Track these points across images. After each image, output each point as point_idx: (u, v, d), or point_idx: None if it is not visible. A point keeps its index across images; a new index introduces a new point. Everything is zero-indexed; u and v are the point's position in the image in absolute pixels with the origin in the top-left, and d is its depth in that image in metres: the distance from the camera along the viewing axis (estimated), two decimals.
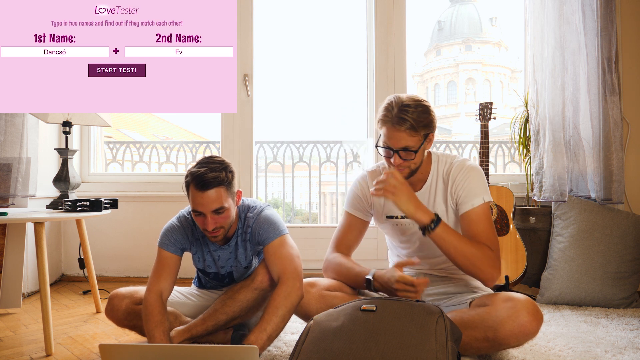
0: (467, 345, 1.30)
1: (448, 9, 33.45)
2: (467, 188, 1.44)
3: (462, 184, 1.45)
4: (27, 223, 2.13)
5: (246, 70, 2.73)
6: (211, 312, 1.51)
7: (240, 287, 1.53)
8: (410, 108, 1.37)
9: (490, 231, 1.42)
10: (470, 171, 1.46)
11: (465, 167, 1.47)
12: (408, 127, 1.36)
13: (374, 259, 2.71)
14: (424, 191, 1.52)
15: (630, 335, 1.70)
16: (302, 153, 3.25)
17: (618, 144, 2.30)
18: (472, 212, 1.43)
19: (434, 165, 1.52)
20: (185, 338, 1.49)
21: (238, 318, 1.53)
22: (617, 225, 2.20)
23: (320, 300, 1.46)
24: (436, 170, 1.51)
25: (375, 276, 1.42)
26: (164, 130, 15.89)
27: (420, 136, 1.39)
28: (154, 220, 2.76)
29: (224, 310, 1.50)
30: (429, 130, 1.41)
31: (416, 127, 1.36)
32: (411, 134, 1.37)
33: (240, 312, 1.51)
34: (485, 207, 1.44)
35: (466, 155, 3.24)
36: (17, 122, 2.24)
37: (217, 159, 1.48)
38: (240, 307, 1.50)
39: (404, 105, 1.37)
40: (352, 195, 1.64)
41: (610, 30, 2.31)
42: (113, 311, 1.56)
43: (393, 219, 1.56)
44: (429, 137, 1.42)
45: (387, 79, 2.75)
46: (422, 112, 1.38)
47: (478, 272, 1.37)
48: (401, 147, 1.38)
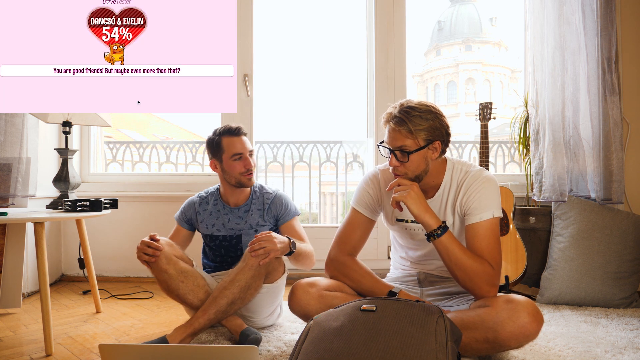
0: (467, 346, 1.29)
1: (448, 9, 33.44)
2: (478, 200, 1.39)
3: (474, 195, 1.40)
4: (27, 223, 2.13)
5: (246, 70, 2.73)
6: (210, 300, 1.54)
7: (236, 269, 1.57)
8: (415, 111, 1.35)
9: (495, 248, 1.37)
10: (484, 183, 1.41)
11: (480, 177, 1.42)
12: (406, 127, 1.35)
13: (373, 259, 2.71)
14: (436, 199, 1.48)
15: (630, 335, 1.70)
16: (302, 153, 3.25)
17: (618, 144, 2.29)
18: (478, 225, 1.39)
19: (447, 173, 1.47)
20: (188, 333, 1.50)
21: (238, 301, 1.55)
22: (617, 225, 2.20)
23: (320, 300, 1.45)
24: (450, 179, 1.47)
25: (402, 293, 1.42)
26: (164, 130, 15.90)
27: (420, 140, 1.36)
28: (154, 220, 2.76)
29: (224, 294, 1.53)
30: (433, 137, 1.37)
31: (413, 129, 1.34)
32: (408, 135, 1.35)
33: (239, 292, 1.54)
34: (494, 222, 1.39)
35: (466, 155, 3.24)
36: (17, 122, 2.24)
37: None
38: (240, 287, 1.54)
39: (408, 107, 1.36)
40: (361, 192, 1.58)
41: (610, 30, 2.31)
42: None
43: (403, 222, 1.54)
44: (433, 145, 1.38)
45: (387, 79, 2.75)
46: (426, 116, 1.35)
47: (474, 288, 1.35)
48: (397, 146, 1.37)
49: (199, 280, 1.62)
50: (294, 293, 1.48)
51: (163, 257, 1.55)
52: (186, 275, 1.60)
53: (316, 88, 10.39)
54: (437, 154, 1.41)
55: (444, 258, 1.37)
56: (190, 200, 1.91)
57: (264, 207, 1.83)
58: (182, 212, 1.90)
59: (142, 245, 1.54)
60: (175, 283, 1.58)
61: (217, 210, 1.84)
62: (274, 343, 1.60)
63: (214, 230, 1.83)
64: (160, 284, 1.60)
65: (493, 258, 1.36)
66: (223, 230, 1.82)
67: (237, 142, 1.75)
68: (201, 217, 1.85)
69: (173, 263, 1.59)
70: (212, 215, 1.84)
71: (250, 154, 1.78)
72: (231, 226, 1.82)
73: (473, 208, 1.40)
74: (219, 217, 1.83)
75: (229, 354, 1.09)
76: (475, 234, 1.39)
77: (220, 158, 1.76)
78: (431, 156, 1.40)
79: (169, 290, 1.60)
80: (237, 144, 1.75)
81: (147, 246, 1.54)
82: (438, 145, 1.39)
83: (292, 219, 1.85)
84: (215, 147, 1.77)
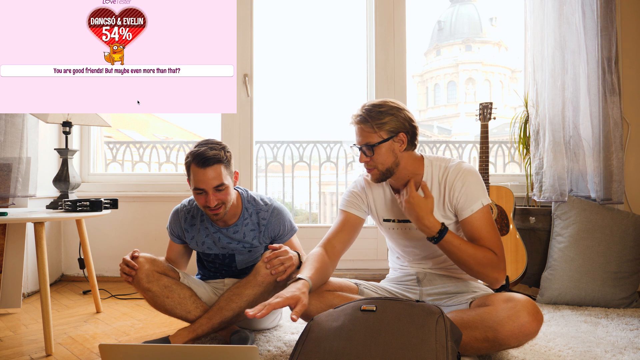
0: (467, 346, 1.30)
1: (448, 9, 33.45)
2: (465, 194, 1.43)
3: (460, 190, 1.43)
4: (27, 223, 2.13)
5: (246, 70, 2.73)
6: (216, 310, 1.52)
7: (246, 282, 1.52)
8: (376, 108, 1.43)
9: (493, 234, 1.42)
10: (466, 175, 1.44)
11: (461, 171, 1.45)
12: (368, 124, 1.42)
13: (374, 259, 2.71)
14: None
15: (630, 335, 1.70)
16: (302, 153, 3.25)
17: (618, 144, 2.29)
18: (472, 218, 1.42)
19: (427, 170, 1.50)
20: (191, 337, 1.49)
21: (244, 314, 1.53)
22: (617, 225, 2.20)
23: (320, 300, 1.45)
24: (431, 175, 1.49)
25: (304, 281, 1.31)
26: (164, 130, 15.90)
27: (382, 133, 1.42)
28: (154, 220, 2.76)
29: (230, 306, 1.51)
30: (396, 129, 1.43)
31: (374, 124, 1.41)
32: (371, 131, 1.42)
33: (246, 306, 1.50)
34: (485, 210, 1.43)
35: (466, 155, 3.24)
36: (17, 122, 2.24)
37: (214, 140, 1.58)
38: (247, 302, 1.50)
39: (370, 105, 1.45)
40: (348, 194, 1.63)
41: (610, 30, 2.31)
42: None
43: (389, 222, 1.57)
44: (398, 137, 1.43)
45: (387, 79, 2.75)
46: (387, 111, 1.42)
47: (483, 277, 1.39)
48: (363, 143, 1.44)
49: (184, 292, 1.58)
50: None
51: (144, 276, 1.51)
52: (170, 290, 1.56)
53: (316, 88, 10.39)
54: (404, 146, 1.45)
55: (449, 256, 1.41)
56: (175, 214, 1.72)
57: (258, 228, 1.66)
58: (170, 225, 1.74)
59: (122, 263, 1.52)
60: (161, 299, 1.55)
61: (205, 228, 1.68)
62: (274, 343, 1.60)
63: (205, 248, 1.70)
64: (147, 301, 1.58)
65: (494, 244, 1.40)
66: (215, 248, 1.69)
67: (201, 175, 1.49)
68: (190, 234, 1.70)
69: (155, 280, 1.54)
70: (201, 232, 1.68)
71: (219, 188, 1.51)
72: (223, 245, 1.67)
73: (462, 202, 1.43)
74: (208, 235, 1.68)
75: (229, 354, 1.08)
76: (472, 226, 1.42)
77: (190, 182, 1.57)
78: (398, 148, 1.45)
79: (156, 306, 1.57)
80: (200, 177, 1.50)
81: (125, 265, 1.51)
82: (403, 137, 1.44)
83: (291, 238, 1.71)
84: (186, 169, 1.56)
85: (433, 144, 6.58)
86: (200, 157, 1.49)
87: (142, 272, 1.51)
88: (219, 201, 1.53)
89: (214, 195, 1.52)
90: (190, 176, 1.54)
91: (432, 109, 31.54)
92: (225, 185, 1.53)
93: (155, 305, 1.57)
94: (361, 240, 2.07)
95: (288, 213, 1.73)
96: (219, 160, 1.51)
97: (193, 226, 1.69)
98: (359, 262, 2.72)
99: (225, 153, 1.55)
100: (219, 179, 1.51)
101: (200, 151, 1.50)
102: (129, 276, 1.51)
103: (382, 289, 1.59)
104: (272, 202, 1.70)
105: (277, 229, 1.67)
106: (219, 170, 1.51)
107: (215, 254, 1.70)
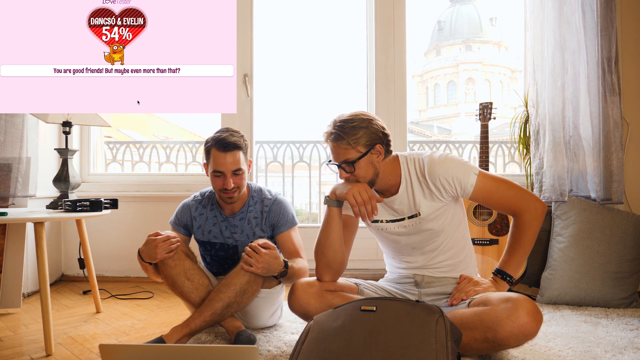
0: (467, 346, 1.29)
1: (448, 9, 33.44)
2: (452, 176, 1.42)
3: (444, 175, 1.42)
4: (27, 223, 2.13)
5: (246, 70, 2.73)
6: (207, 302, 1.54)
7: (233, 273, 1.56)
8: (348, 123, 1.41)
9: (505, 188, 1.44)
10: (443, 162, 1.44)
11: (435, 160, 1.45)
12: (344, 141, 1.40)
13: (374, 259, 2.71)
14: (401, 193, 1.50)
15: (630, 335, 1.70)
16: (302, 153, 3.25)
17: (618, 144, 2.29)
18: (478, 190, 1.43)
19: (403, 167, 1.50)
20: (185, 334, 1.50)
21: (234, 305, 1.54)
22: (617, 225, 2.20)
23: (320, 300, 1.45)
24: (407, 172, 1.50)
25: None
26: (164, 130, 15.89)
27: (360, 148, 1.40)
28: (154, 220, 2.76)
29: (219, 297, 1.53)
30: (372, 142, 1.41)
31: (350, 140, 1.39)
32: (348, 147, 1.40)
33: (235, 296, 1.53)
34: (484, 176, 1.44)
35: (466, 155, 3.24)
36: (17, 122, 2.24)
37: (234, 128, 1.68)
38: (235, 291, 1.53)
39: (341, 121, 1.42)
40: None
41: (610, 30, 2.31)
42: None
43: (378, 223, 1.57)
44: (375, 149, 1.42)
45: (387, 79, 2.75)
46: (359, 125, 1.40)
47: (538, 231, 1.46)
48: (342, 160, 1.43)
49: (203, 279, 1.63)
50: (294, 292, 1.49)
51: (174, 253, 1.57)
52: (193, 273, 1.61)
53: (316, 88, 10.41)
54: (381, 157, 1.45)
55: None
56: (185, 204, 1.80)
57: (262, 215, 1.73)
58: (177, 217, 1.80)
59: (159, 241, 1.52)
60: (181, 280, 1.59)
61: (213, 216, 1.76)
62: (274, 343, 1.60)
63: (211, 237, 1.76)
64: (166, 280, 1.60)
65: (514, 197, 1.44)
66: (220, 237, 1.75)
67: (221, 158, 1.60)
68: (197, 222, 1.77)
69: (182, 260, 1.60)
70: (209, 221, 1.76)
71: (237, 172, 1.61)
72: (227, 235, 1.74)
73: (458, 184, 1.43)
74: (215, 224, 1.75)
75: (229, 354, 1.09)
76: (484, 194, 1.44)
77: (208, 166, 1.67)
78: (377, 160, 1.45)
79: (174, 286, 1.60)
80: (220, 160, 1.60)
81: (163, 241, 1.52)
82: (380, 148, 1.44)
83: (289, 229, 1.74)
84: (206, 153, 1.66)
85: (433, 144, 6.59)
86: (222, 142, 1.59)
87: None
88: (235, 185, 1.62)
89: (232, 179, 1.61)
90: (210, 160, 1.63)
91: (432, 109, 31.54)
92: (242, 170, 1.63)
93: (174, 285, 1.60)
94: (361, 240, 2.07)
95: (290, 206, 1.78)
96: (239, 147, 1.62)
97: (202, 215, 1.77)
98: (359, 262, 2.72)
99: (244, 141, 1.66)
100: (237, 164, 1.61)
101: (223, 137, 1.60)
102: (170, 253, 1.54)
103: (382, 289, 1.59)
104: (277, 195, 1.77)
105: (277, 217, 1.72)
106: (237, 155, 1.61)
107: (220, 243, 1.75)
